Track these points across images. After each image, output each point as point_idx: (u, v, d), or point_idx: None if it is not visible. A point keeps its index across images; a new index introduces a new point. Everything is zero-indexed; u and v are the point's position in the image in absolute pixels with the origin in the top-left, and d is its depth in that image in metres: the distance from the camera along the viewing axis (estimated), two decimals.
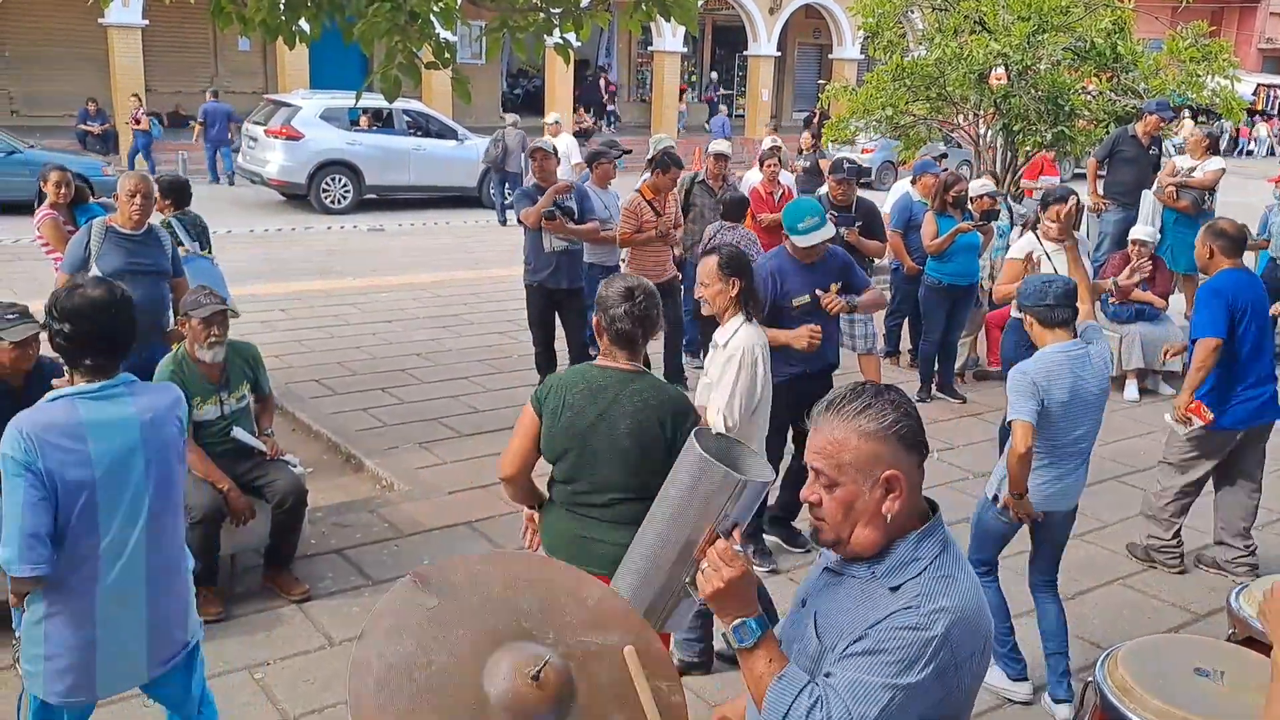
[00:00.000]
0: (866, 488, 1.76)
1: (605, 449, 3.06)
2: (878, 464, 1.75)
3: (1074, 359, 3.85)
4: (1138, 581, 5.13)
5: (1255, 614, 2.44)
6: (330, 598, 4.63)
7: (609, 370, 3.13)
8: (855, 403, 1.77)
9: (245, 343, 4.80)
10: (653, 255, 7.51)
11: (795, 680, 1.76)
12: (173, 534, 2.92)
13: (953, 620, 1.70)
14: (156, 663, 2.92)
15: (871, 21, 11.28)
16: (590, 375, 3.13)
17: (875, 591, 1.78)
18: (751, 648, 1.82)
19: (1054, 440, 3.87)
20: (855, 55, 26.01)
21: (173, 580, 2.93)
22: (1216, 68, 10.37)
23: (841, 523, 1.78)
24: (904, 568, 1.77)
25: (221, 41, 22.54)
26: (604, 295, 3.14)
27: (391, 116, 16.66)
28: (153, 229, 5.44)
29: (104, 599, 2.76)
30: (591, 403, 3.06)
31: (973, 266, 7.63)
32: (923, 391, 7.81)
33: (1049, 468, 3.92)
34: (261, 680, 4.00)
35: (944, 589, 1.73)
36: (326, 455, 6.43)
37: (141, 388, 2.85)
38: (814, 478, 1.79)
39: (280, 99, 16.92)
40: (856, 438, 1.75)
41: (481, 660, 1.66)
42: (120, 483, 2.72)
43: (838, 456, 1.76)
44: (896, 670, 1.67)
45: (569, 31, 6.10)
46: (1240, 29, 39.07)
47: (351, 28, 5.69)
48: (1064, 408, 3.82)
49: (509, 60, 26.26)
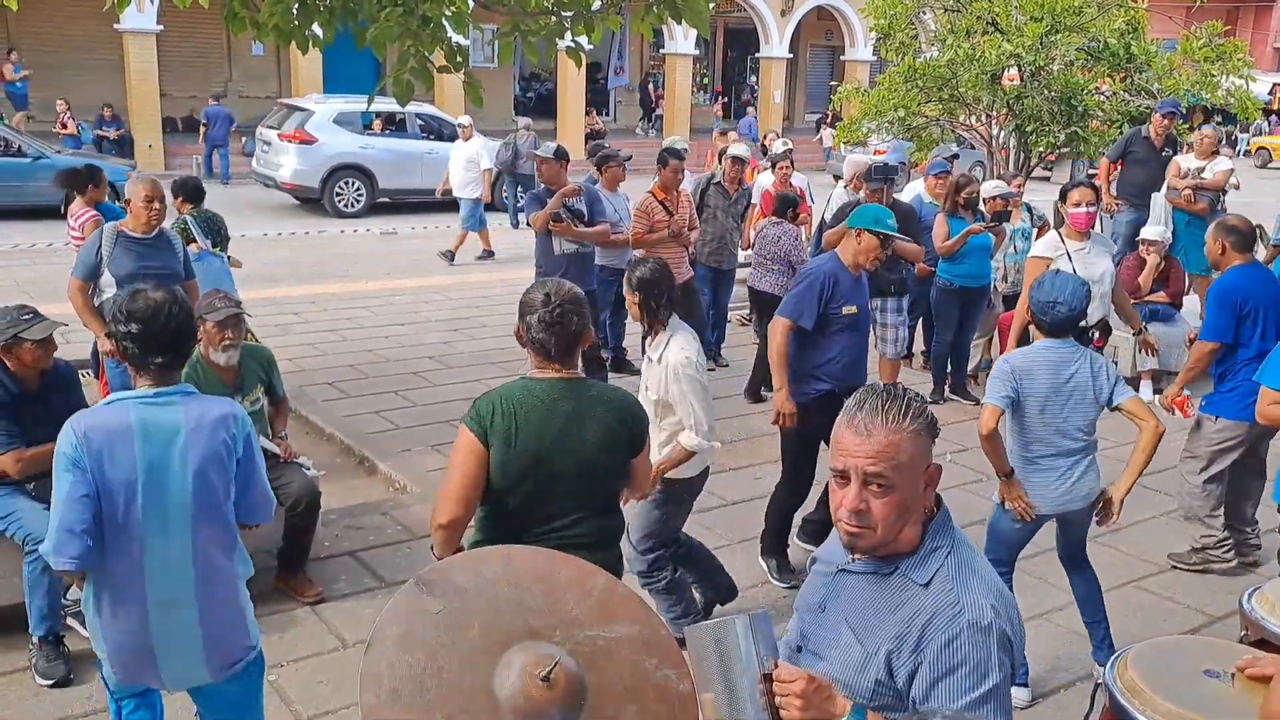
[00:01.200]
0: (919, 485, 1.82)
1: (570, 466, 2.84)
2: (924, 460, 1.83)
3: (1060, 356, 3.93)
4: (1152, 584, 5.10)
5: (1267, 615, 2.43)
6: (343, 600, 4.66)
7: (555, 381, 2.88)
8: (896, 405, 1.80)
9: (259, 346, 4.85)
10: (667, 256, 7.43)
11: None
12: (223, 545, 2.89)
13: (994, 599, 1.79)
14: (219, 667, 2.92)
15: (883, 23, 11.29)
16: (537, 390, 2.87)
17: (906, 587, 1.82)
18: None
19: (1041, 436, 3.93)
20: (867, 57, 25.98)
21: (226, 591, 2.91)
22: (1231, 67, 10.33)
23: (894, 524, 1.80)
24: (927, 560, 1.83)
25: (235, 46, 22.67)
26: (524, 301, 2.92)
27: (404, 120, 16.74)
28: (163, 232, 5.48)
29: (154, 609, 2.79)
30: (551, 418, 2.82)
31: (985, 268, 7.60)
32: (936, 393, 7.80)
33: (1046, 471, 3.97)
34: (275, 682, 4.02)
35: (969, 576, 1.82)
36: (339, 458, 6.46)
37: (198, 399, 2.86)
38: (860, 485, 1.78)
39: (294, 103, 17.03)
40: (908, 439, 1.79)
41: (491, 663, 1.67)
42: (161, 490, 2.74)
43: (896, 459, 1.78)
44: (983, 674, 1.74)
45: (580, 35, 6.12)
46: (1256, 28, 38.82)
47: (364, 32, 5.74)
48: (1044, 402, 3.89)
49: (521, 63, 26.31)
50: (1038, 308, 3.97)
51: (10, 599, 4.08)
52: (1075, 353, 3.99)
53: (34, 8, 19.92)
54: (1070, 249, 5.79)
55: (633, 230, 7.48)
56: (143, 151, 18.81)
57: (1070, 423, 3.95)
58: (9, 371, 4.02)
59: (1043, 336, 4.02)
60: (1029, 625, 4.49)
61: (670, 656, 1.86)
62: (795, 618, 2.03)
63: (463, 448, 2.83)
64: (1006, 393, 3.89)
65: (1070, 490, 3.98)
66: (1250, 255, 4.99)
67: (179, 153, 19.35)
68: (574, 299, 2.90)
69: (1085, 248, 5.70)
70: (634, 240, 7.49)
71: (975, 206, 7.66)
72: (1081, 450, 4.00)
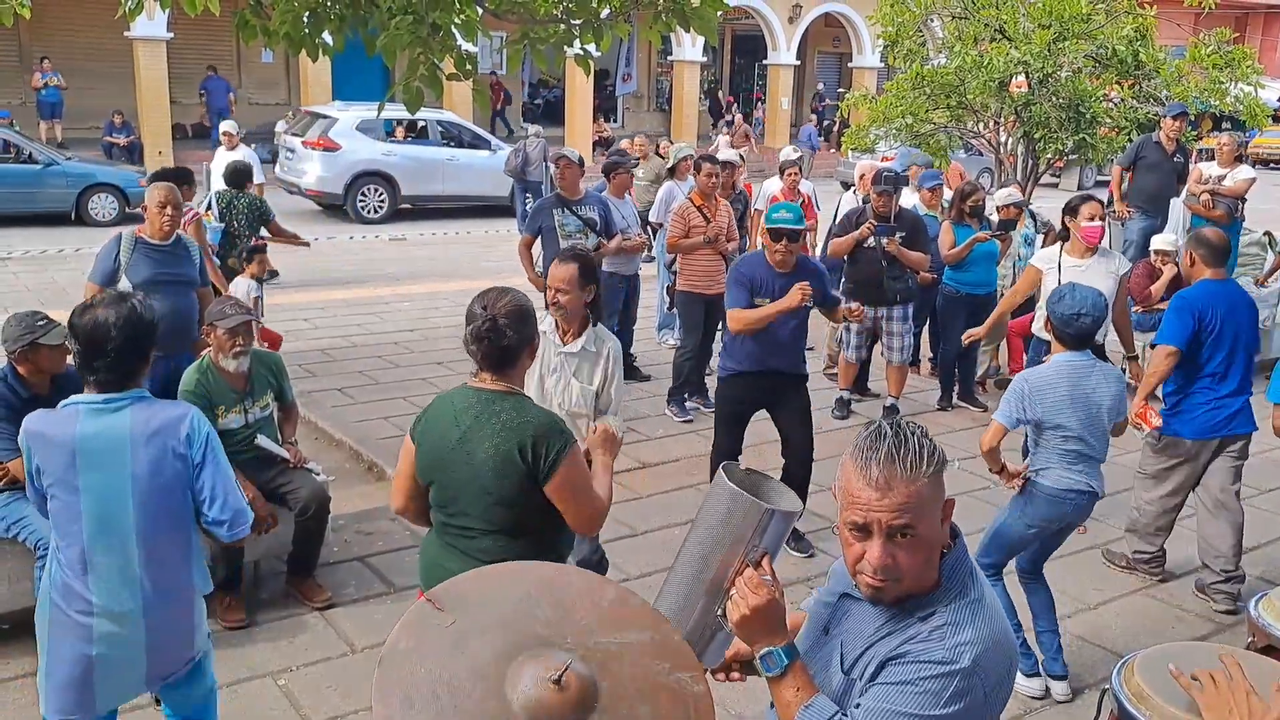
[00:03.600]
0: (939, 525, 1.75)
1: (466, 478, 2.83)
2: (941, 498, 1.75)
3: (1078, 369, 4.02)
4: (1160, 591, 5.10)
5: (1274, 621, 2.43)
6: (353, 605, 4.67)
7: (478, 392, 2.88)
8: (910, 451, 1.70)
9: (269, 352, 4.87)
10: (703, 265, 7.35)
11: (823, 709, 1.77)
12: (174, 557, 2.86)
13: (980, 651, 1.70)
14: (157, 678, 2.93)
15: (891, 30, 11.27)
16: (456, 398, 2.90)
17: (903, 619, 1.77)
18: (779, 676, 1.82)
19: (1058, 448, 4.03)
20: (875, 63, 25.96)
21: (174, 602, 2.88)
22: (1240, 74, 10.30)
23: (923, 570, 1.74)
24: (937, 601, 1.76)
25: (245, 54, 22.75)
26: (468, 308, 2.92)
27: (426, 128, 16.96)
28: (180, 239, 5.51)
29: (100, 616, 2.78)
30: (453, 426, 2.84)
31: (991, 275, 7.61)
32: (943, 400, 7.80)
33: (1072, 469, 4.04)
34: (285, 687, 4.04)
35: (970, 616, 1.73)
36: (349, 463, 6.48)
37: (149, 405, 2.83)
38: (884, 539, 1.70)
39: (317, 110, 17.19)
40: (928, 485, 1.71)
41: (502, 670, 1.68)
42: (103, 497, 2.74)
43: (920, 509, 1.70)
44: (924, 702, 1.67)
45: (589, 43, 6.15)
46: (1265, 35, 38.73)
47: (374, 40, 5.76)
48: (1061, 414, 3.98)
49: (529, 71, 26.39)
50: (1060, 321, 4.01)
51: (23, 604, 4.11)
52: (1093, 365, 4.06)
53: (45, 15, 20.07)
54: (1065, 264, 5.67)
55: (669, 234, 7.49)
56: (153, 159, 18.87)
57: (1087, 432, 4.01)
58: (20, 377, 4.05)
59: (1063, 349, 4.08)
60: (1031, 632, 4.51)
61: (684, 661, 1.86)
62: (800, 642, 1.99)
63: (405, 443, 2.98)
64: (1014, 413, 4.02)
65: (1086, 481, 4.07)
66: (1220, 270, 4.87)
67: (189, 160, 19.36)
68: (513, 312, 2.84)
69: (1084, 265, 5.62)
70: (669, 244, 7.50)
71: (981, 214, 7.66)
72: (1094, 459, 4.06)
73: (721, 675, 2.07)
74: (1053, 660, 4.18)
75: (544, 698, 1.64)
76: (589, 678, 1.68)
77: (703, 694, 1.82)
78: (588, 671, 1.69)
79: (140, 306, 2.86)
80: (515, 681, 1.66)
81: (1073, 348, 4.05)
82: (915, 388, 8.07)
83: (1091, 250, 5.66)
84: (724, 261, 7.54)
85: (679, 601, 1.98)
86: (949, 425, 7.35)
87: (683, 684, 1.81)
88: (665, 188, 9.23)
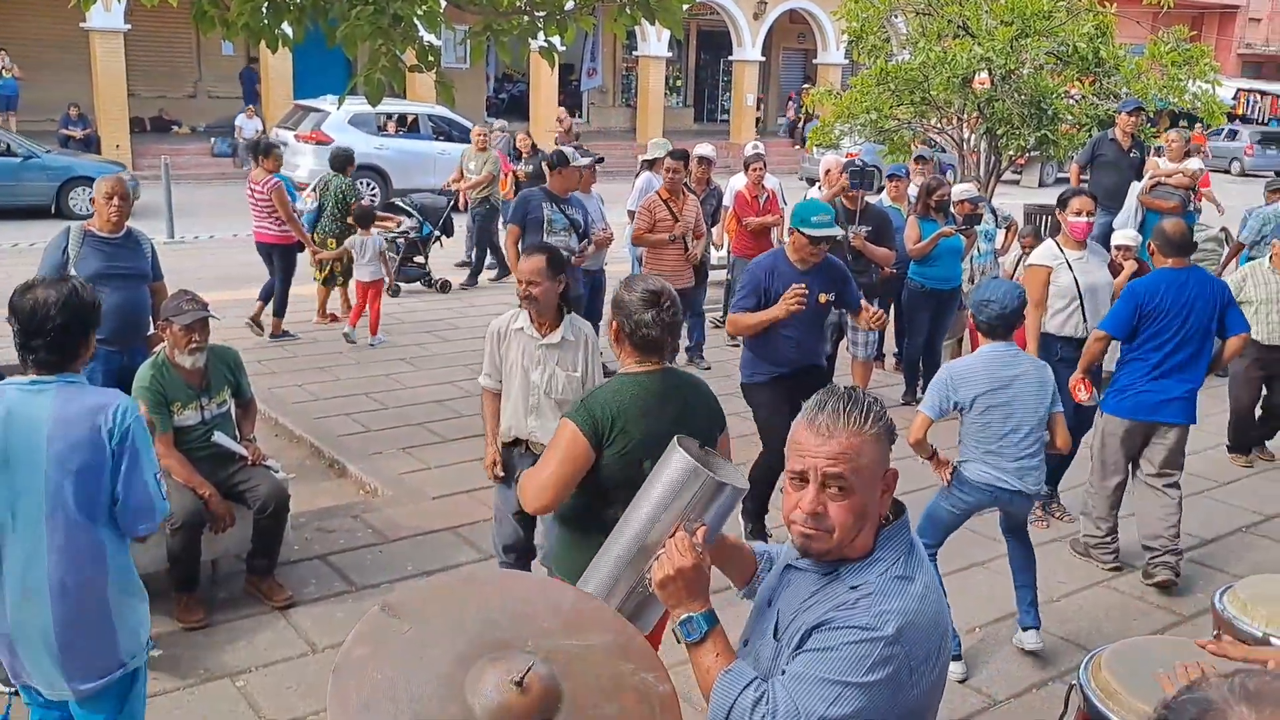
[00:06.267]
0: (877, 490, 1.77)
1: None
2: (883, 464, 1.78)
3: (1000, 360, 4.17)
4: (1123, 584, 5.13)
5: (1239, 614, 2.44)
6: (314, 604, 4.60)
7: (656, 374, 2.97)
8: (858, 408, 1.75)
9: (227, 347, 4.77)
10: (670, 260, 7.36)
11: (742, 675, 1.77)
12: (86, 552, 2.74)
13: (904, 622, 1.69)
14: (78, 680, 2.76)
15: (855, 26, 11.30)
16: (647, 384, 2.93)
17: (836, 589, 1.78)
18: (699, 642, 1.83)
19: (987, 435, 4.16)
20: (839, 60, 26.08)
21: (85, 599, 2.75)
22: (1198, 72, 10.44)
23: (851, 528, 1.75)
24: (869, 568, 1.77)
25: (205, 46, 22.43)
26: (626, 300, 2.95)
27: (417, 121, 16.97)
28: (131, 232, 5.38)
29: (12, 596, 2.74)
30: (662, 410, 2.90)
31: (956, 271, 7.64)
32: (908, 394, 7.83)
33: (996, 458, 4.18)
34: (243, 688, 3.96)
35: (899, 590, 1.73)
36: (309, 460, 6.39)
37: (75, 390, 2.76)
38: (818, 487, 1.74)
39: (309, 104, 17.22)
40: (869, 442, 1.75)
41: (463, 675, 1.64)
42: (14, 479, 2.70)
43: (856, 461, 1.73)
44: (845, 668, 1.67)
45: (553, 35, 6.09)
46: (1220, 34, 39.36)
47: (335, 31, 5.67)
48: (988, 400, 4.12)
49: (494, 64, 26.22)
50: (973, 307, 4.20)
51: None
52: (1016, 355, 4.20)
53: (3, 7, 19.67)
54: (1070, 257, 5.76)
55: (635, 227, 7.46)
56: (110, 152, 18.55)
57: (1009, 423, 4.15)
58: None
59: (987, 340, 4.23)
60: (1000, 626, 4.53)
61: (648, 661, 1.83)
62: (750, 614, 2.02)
63: (569, 442, 2.84)
64: (939, 403, 4.18)
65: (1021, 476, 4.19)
66: (1181, 259, 5.00)
67: (147, 154, 19.10)
68: (677, 298, 3.02)
69: (1084, 256, 5.68)
70: (634, 237, 7.46)
71: (947, 209, 7.69)
72: (1030, 450, 4.19)
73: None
74: (1026, 612, 4.36)
75: (506, 700, 1.60)
76: (551, 679, 1.64)
77: (668, 694, 1.79)
78: (550, 673, 1.65)
79: (81, 288, 2.82)
80: (476, 685, 1.61)
81: (988, 335, 4.21)
82: (880, 382, 8.10)
83: (1081, 244, 5.72)
84: (687, 256, 7.56)
85: (616, 570, 2.01)
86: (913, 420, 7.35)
87: (648, 684, 1.77)
88: (643, 178, 9.24)
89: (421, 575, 4.77)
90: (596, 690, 1.73)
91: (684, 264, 7.45)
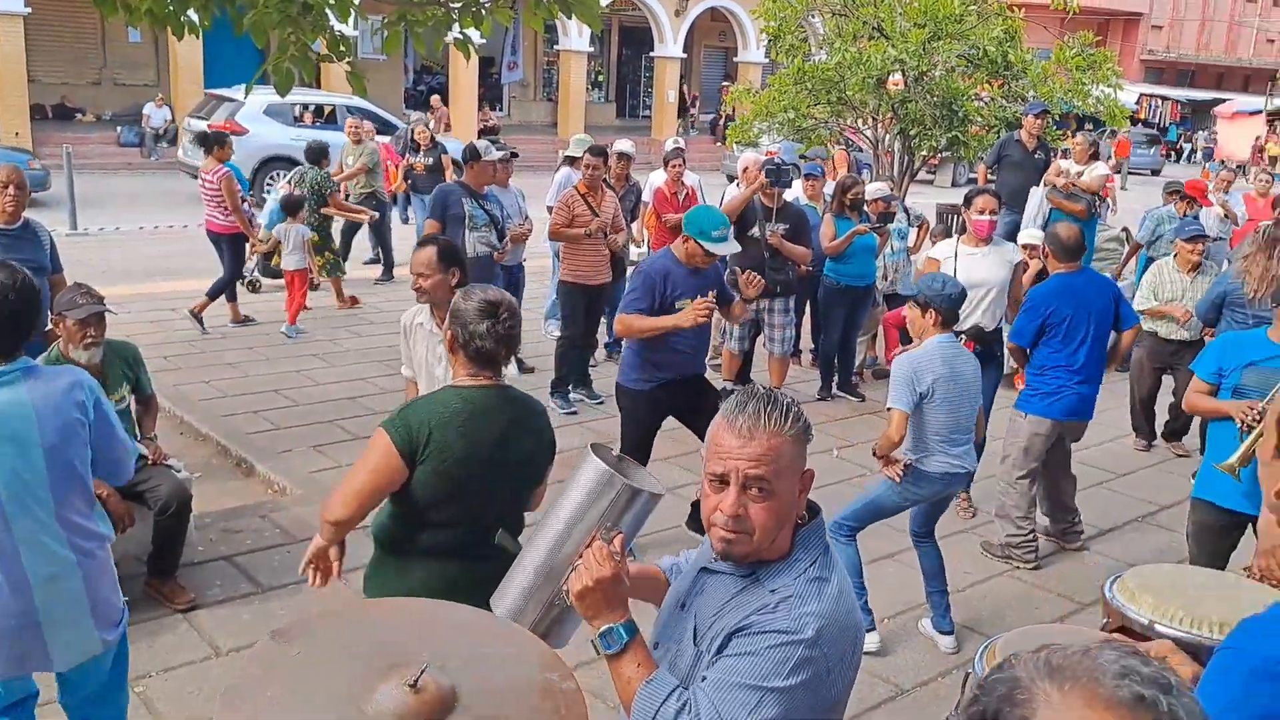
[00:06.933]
0: (795, 491, 1.77)
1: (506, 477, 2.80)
2: (800, 464, 1.78)
3: (949, 349, 4.30)
4: (1024, 574, 5.28)
5: (1127, 602, 2.53)
6: (218, 606, 4.48)
7: (488, 390, 2.80)
8: (778, 409, 1.75)
9: (125, 342, 4.62)
10: (588, 256, 7.32)
11: (663, 684, 1.76)
12: (86, 509, 2.93)
13: (823, 624, 1.70)
14: (106, 629, 2.96)
15: (774, 25, 11.42)
16: (472, 398, 2.77)
17: (756, 593, 1.77)
18: (619, 653, 1.81)
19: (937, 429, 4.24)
20: (760, 58, 26.34)
21: (100, 552, 2.98)
22: (1101, 76, 10.78)
23: (771, 531, 1.75)
24: (787, 570, 1.78)
25: (110, 31, 21.68)
26: (462, 309, 2.80)
27: (335, 112, 16.60)
28: (29, 223, 5.17)
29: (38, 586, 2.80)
30: (485, 429, 2.74)
31: (870, 268, 7.77)
32: (823, 390, 7.94)
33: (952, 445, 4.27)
34: (142, 694, 3.84)
35: (816, 591, 1.74)
36: (216, 459, 6.23)
37: (38, 372, 2.84)
38: (739, 490, 1.73)
39: (222, 93, 16.71)
40: (790, 442, 1.75)
41: (357, 688, 1.61)
42: (17, 471, 2.73)
43: (777, 463, 1.73)
44: (766, 673, 1.67)
45: (469, 27, 6.02)
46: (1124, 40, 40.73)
47: (243, 18, 5.52)
48: (946, 388, 4.21)
49: (413, 56, 25.89)
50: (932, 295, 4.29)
51: None
52: (958, 345, 4.36)
53: None
54: (961, 252, 5.90)
55: (552, 222, 7.41)
56: (9, 140, 17.82)
57: (961, 410, 4.26)
58: None
59: (936, 332, 4.31)
60: (908, 617, 4.63)
61: (551, 661, 1.82)
62: (658, 616, 2.01)
63: (381, 455, 2.69)
64: (909, 396, 4.22)
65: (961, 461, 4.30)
66: (1074, 264, 5.23)
67: (48, 141, 18.41)
68: (517, 309, 2.89)
69: (979, 254, 5.81)
70: (552, 231, 7.40)
71: (861, 207, 7.82)
72: (970, 435, 4.34)
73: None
74: (941, 617, 4.50)
75: (401, 703, 1.57)
76: (447, 680, 1.63)
77: (573, 691, 1.78)
78: (447, 677, 1.63)
79: (21, 272, 2.86)
80: (371, 695, 1.59)
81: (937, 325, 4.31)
82: (797, 378, 8.20)
83: (986, 241, 5.85)
84: (609, 252, 7.51)
85: (532, 581, 1.97)
86: (829, 415, 7.48)
87: (551, 682, 1.76)
88: (562, 173, 9.20)
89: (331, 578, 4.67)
90: (497, 690, 1.71)
91: (602, 259, 7.43)
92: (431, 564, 2.77)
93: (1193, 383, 4.28)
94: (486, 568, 2.64)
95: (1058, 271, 5.26)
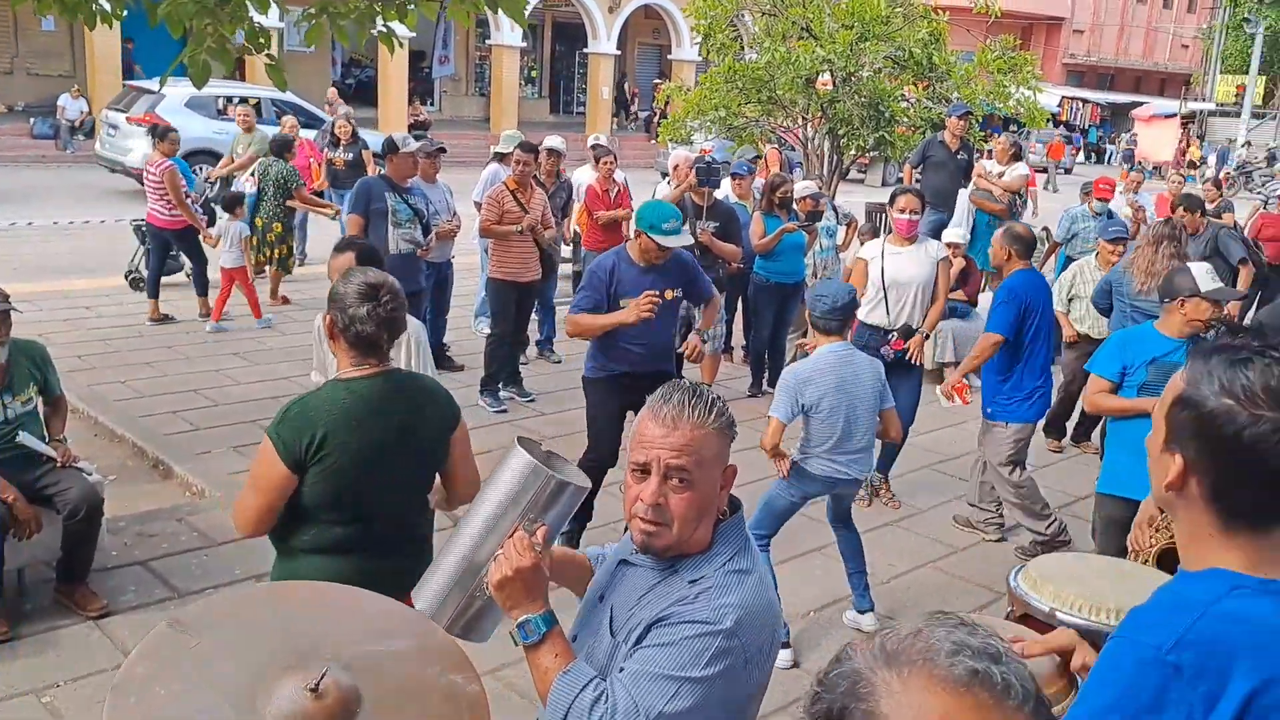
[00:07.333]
0: (716, 485, 1.79)
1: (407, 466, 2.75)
2: (724, 459, 1.81)
3: (840, 358, 4.35)
4: (947, 564, 5.38)
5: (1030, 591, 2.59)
6: (132, 612, 4.36)
7: (374, 379, 2.69)
8: (702, 402, 1.78)
9: (32, 341, 4.47)
10: (517, 252, 7.25)
11: (580, 675, 1.75)
12: None
13: (741, 615, 1.71)
14: None
15: (705, 24, 11.47)
16: (359, 389, 2.67)
17: (674, 584, 1.78)
18: (536, 644, 1.81)
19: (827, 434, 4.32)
20: (693, 56, 26.43)
21: None
22: (1021, 79, 11.03)
23: (691, 523, 1.76)
24: (706, 563, 1.79)
25: (23, 19, 20.95)
26: (341, 292, 2.68)
27: (260, 105, 16.22)
28: None
29: None
30: (380, 422, 2.66)
31: (799, 265, 7.84)
32: (754, 387, 8.00)
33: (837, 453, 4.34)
34: (50, 704, 3.72)
35: (736, 583, 1.75)
36: (132, 461, 6.06)
37: None
38: (660, 479, 1.75)
39: (143, 85, 16.22)
40: (712, 435, 1.77)
41: (255, 687, 1.57)
42: None
43: (699, 454, 1.75)
44: (683, 662, 1.68)
45: (392, 20, 5.93)
46: (1047, 44, 41.71)
47: (157, 8, 5.38)
48: (832, 399, 4.27)
49: (341, 49, 25.46)
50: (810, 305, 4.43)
51: None
52: (851, 353, 4.41)
53: None
54: (886, 251, 5.94)
55: (481, 219, 7.34)
56: None
57: (851, 419, 4.32)
58: None
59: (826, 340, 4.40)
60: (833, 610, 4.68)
61: (455, 662, 1.80)
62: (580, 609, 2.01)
63: (270, 468, 2.62)
64: (789, 407, 4.29)
65: (850, 466, 4.38)
66: (1029, 261, 5.40)
67: None
68: (399, 292, 2.75)
69: (903, 252, 5.88)
70: (481, 229, 7.33)
71: (790, 205, 7.88)
72: (864, 444, 4.39)
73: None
74: (861, 597, 4.60)
75: (301, 708, 1.54)
76: (350, 684, 1.59)
77: (477, 694, 1.76)
78: (349, 678, 1.60)
79: None
80: (269, 697, 1.55)
81: (824, 333, 4.40)
82: (728, 375, 8.25)
83: (911, 239, 5.93)
84: (539, 249, 7.46)
85: (454, 570, 1.95)
86: (759, 411, 7.50)
87: (455, 685, 1.74)
88: (490, 169, 9.13)
89: (250, 580, 4.58)
90: (400, 693, 1.69)
91: (532, 256, 7.38)
92: (320, 561, 2.67)
93: (1092, 382, 4.31)
94: (386, 564, 2.60)
95: (1019, 268, 5.34)
